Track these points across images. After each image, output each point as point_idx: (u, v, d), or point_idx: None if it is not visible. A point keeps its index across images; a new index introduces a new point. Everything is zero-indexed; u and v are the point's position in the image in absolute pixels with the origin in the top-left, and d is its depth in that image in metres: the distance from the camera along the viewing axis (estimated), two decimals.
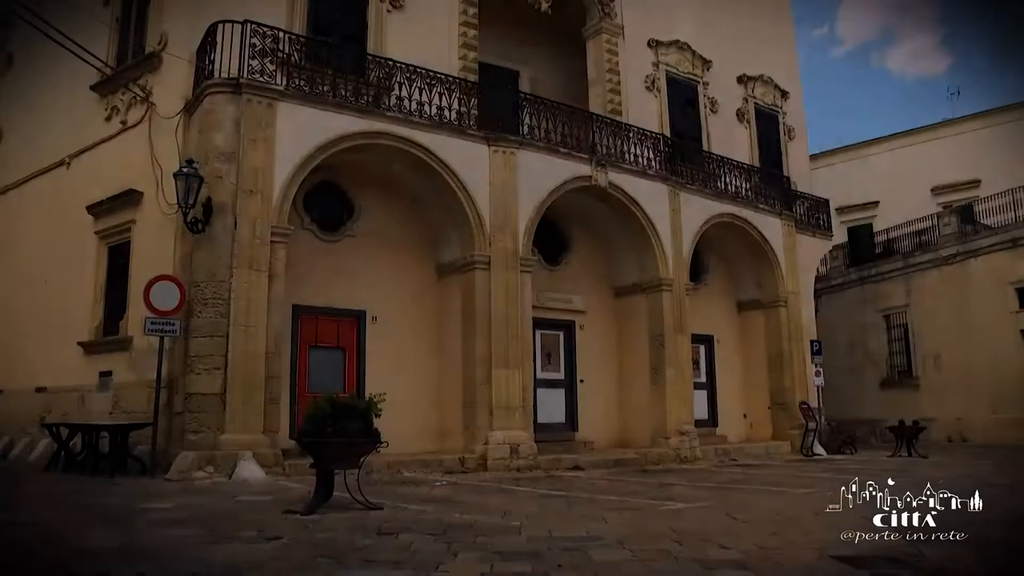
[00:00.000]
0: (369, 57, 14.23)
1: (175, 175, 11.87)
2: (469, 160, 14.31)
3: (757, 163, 20.99)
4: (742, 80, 21.70)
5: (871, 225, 30.82)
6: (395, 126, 13.52)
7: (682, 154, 18.57)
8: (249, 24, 12.58)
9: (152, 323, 11.66)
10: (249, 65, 12.41)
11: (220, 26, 12.41)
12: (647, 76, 19.30)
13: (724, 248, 20.04)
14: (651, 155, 17.30)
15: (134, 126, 14.19)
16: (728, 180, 19.19)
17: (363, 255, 14.46)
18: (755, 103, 21.88)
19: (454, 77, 14.88)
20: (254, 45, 12.61)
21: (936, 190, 30.76)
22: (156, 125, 13.52)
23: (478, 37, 16.26)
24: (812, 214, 21.73)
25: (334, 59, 13.81)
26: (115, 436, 11.89)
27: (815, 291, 22.61)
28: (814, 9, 69.08)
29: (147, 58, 14.05)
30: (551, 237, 17.14)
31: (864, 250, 28.66)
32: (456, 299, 14.71)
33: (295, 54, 13.36)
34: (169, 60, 13.59)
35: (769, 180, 20.60)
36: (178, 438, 11.54)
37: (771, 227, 19.73)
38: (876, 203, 31.79)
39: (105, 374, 13.80)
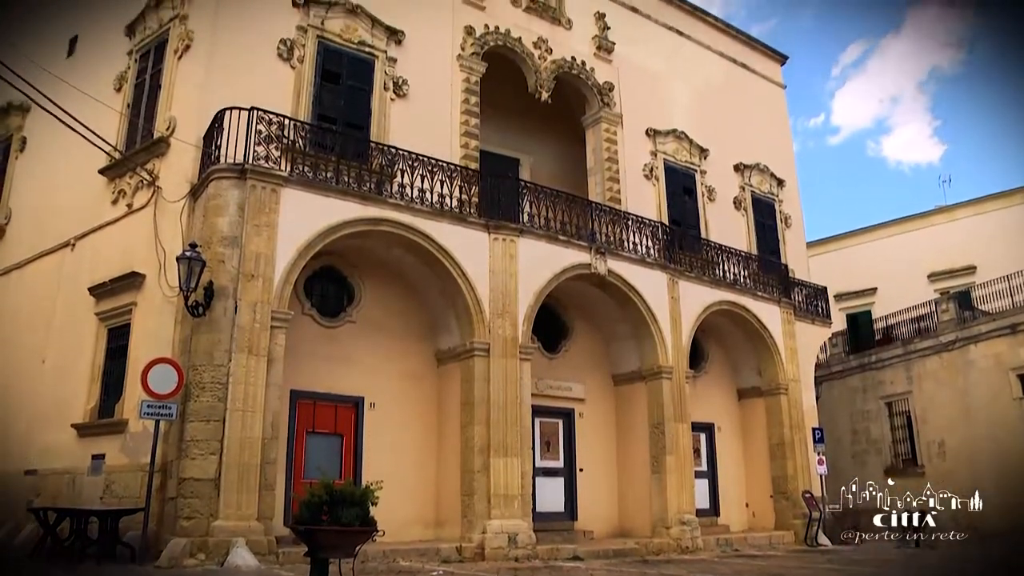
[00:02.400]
0: (372, 144, 14.51)
1: (178, 259, 11.93)
2: (469, 247, 14.43)
3: (755, 250, 21.20)
4: (739, 168, 22.09)
5: (870, 312, 30.92)
6: (397, 213, 13.69)
7: (680, 242, 18.76)
8: (256, 111, 12.87)
9: (148, 407, 11.55)
10: (254, 151, 12.65)
11: (227, 112, 12.69)
12: (645, 164, 19.67)
13: (723, 335, 20.06)
14: (650, 243, 17.48)
15: (140, 209, 14.32)
16: (726, 268, 19.34)
17: (362, 341, 14.47)
18: (752, 191, 22.22)
19: (455, 165, 15.15)
20: (260, 131, 12.89)
21: (933, 276, 30.98)
22: (161, 209, 13.66)
23: (479, 125, 16.65)
24: (811, 301, 21.83)
25: (338, 146, 14.11)
26: (105, 522, 11.66)
27: (816, 378, 22.53)
28: (810, 99, 70.82)
29: (155, 143, 14.28)
30: (550, 324, 17.19)
31: (864, 337, 28.72)
32: (455, 386, 14.63)
33: (300, 141, 13.64)
34: (176, 145, 13.82)
35: (767, 268, 20.75)
36: (170, 524, 11.33)
37: (770, 315, 19.78)
38: (874, 290, 31.95)
39: (98, 457, 13.58)
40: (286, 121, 13.41)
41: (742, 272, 19.67)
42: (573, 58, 18.88)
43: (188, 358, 11.94)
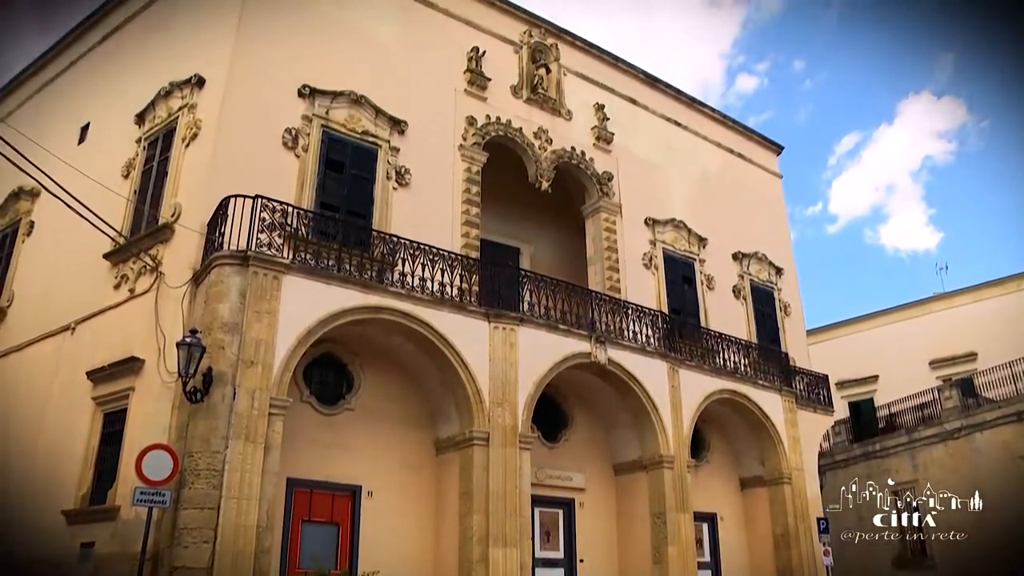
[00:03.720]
0: (374, 233, 14.69)
1: (178, 344, 11.93)
2: (469, 336, 14.46)
3: (755, 339, 21.20)
4: (737, 257, 22.28)
5: (872, 399, 30.82)
6: (397, 301, 13.77)
7: (680, 330, 18.81)
8: (260, 199, 13.07)
9: (141, 493, 11.34)
10: (257, 238, 12.79)
11: (232, 200, 12.90)
12: (645, 253, 19.86)
13: (725, 424, 19.91)
14: (650, 332, 17.53)
15: (142, 294, 14.36)
16: (727, 356, 19.32)
17: (361, 429, 14.36)
18: (751, 279, 22.36)
19: (456, 254, 15.30)
20: (263, 219, 13.05)
21: (934, 363, 30.96)
22: (163, 294, 13.70)
23: (480, 214, 16.86)
24: (812, 390, 21.70)
25: (340, 234, 14.26)
26: None
27: (819, 467, 22.25)
28: (807, 188, 71.85)
29: (160, 229, 14.43)
30: (551, 413, 17.10)
31: (867, 425, 28.54)
32: (454, 475, 14.46)
33: (302, 228, 13.81)
34: (181, 231, 13.96)
35: (767, 356, 20.72)
36: None
37: (771, 403, 19.63)
38: (876, 377, 31.90)
39: (87, 545, 13.31)
40: (289, 209, 13.60)
41: (742, 360, 19.64)
42: (573, 148, 19.25)
43: (184, 444, 11.82)
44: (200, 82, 15.05)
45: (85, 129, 18.43)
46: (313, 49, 15.77)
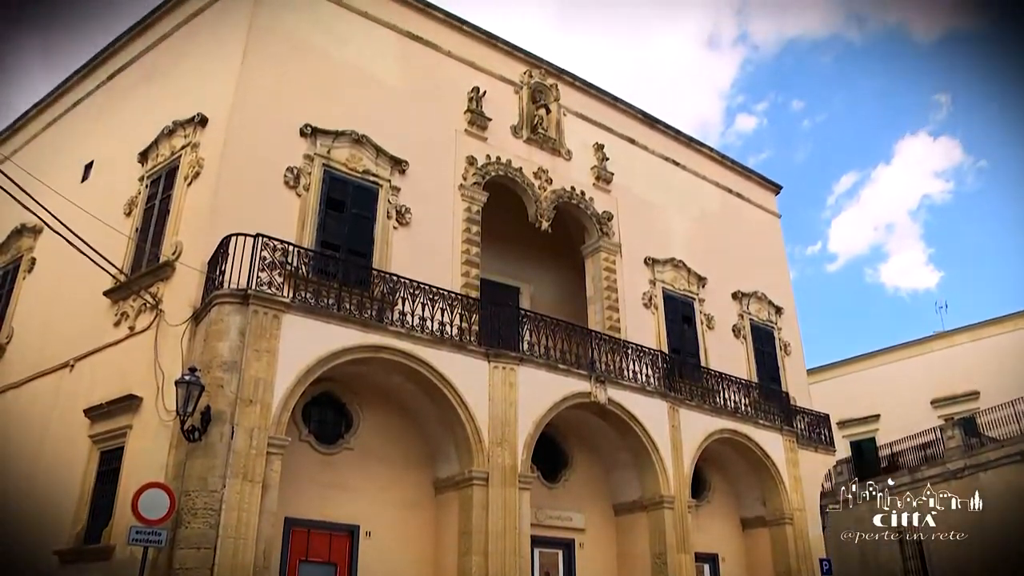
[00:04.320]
0: (374, 272, 14.73)
1: (176, 383, 11.89)
2: (469, 376, 14.45)
3: (755, 378, 21.14)
4: (737, 296, 22.29)
5: (874, 439, 30.67)
6: (397, 341, 13.77)
7: (680, 370, 18.79)
8: (261, 238, 13.13)
9: (137, 532, 11.25)
10: (258, 277, 12.83)
11: (233, 238, 12.95)
12: (644, 293, 19.87)
13: (725, 464, 19.79)
14: (650, 372, 17.51)
15: (141, 332, 14.35)
16: (727, 396, 19.27)
17: (359, 468, 14.28)
18: (750, 319, 22.34)
19: (456, 293, 15.34)
20: (264, 258, 13.11)
21: (936, 402, 30.85)
22: (163, 332, 13.70)
23: (480, 254, 16.89)
24: (813, 429, 21.60)
25: (340, 272, 14.30)
26: None
27: (821, 507, 22.05)
28: (807, 227, 72.11)
29: (161, 267, 14.46)
30: (550, 453, 17.00)
31: (869, 464, 28.38)
32: (453, 515, 14.36)
33: (303, 267, 13.85)
34: (181, 269, 13.99)
35: (768, 395, 20.65)
36: None
37: (772, 443, 19.52)
38: (877, 416, 31.78)
39: None
40: (290, 248, 13.67)
41: (743, 400, 19.58)
42: (573, 188, 19.35)
43: (181, 483, 11.74)
44: (203, 121, 15.19)
45: (88, 167, 18.54)
46: (315, 89, 15.93)
